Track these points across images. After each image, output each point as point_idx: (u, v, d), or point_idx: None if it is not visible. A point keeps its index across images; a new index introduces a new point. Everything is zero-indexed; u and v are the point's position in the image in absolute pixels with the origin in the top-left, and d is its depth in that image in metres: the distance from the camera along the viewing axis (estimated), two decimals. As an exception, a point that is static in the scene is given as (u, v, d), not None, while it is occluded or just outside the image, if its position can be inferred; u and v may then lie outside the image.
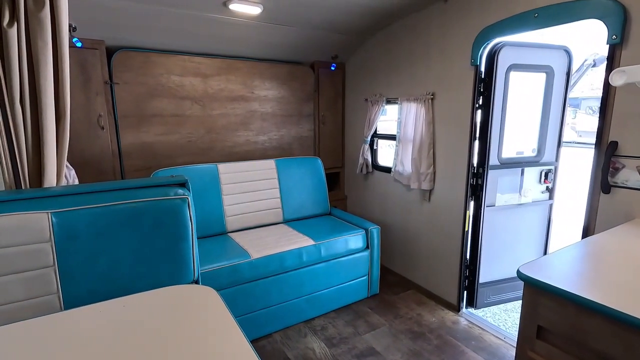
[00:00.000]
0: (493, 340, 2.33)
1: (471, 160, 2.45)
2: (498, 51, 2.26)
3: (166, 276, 1.37)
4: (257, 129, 3.23)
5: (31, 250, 1.13)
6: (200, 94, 2.90)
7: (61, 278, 1.19)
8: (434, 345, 2.29)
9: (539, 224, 2.73)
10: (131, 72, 2.59)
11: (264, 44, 2.92)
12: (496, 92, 2.33)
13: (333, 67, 3.49)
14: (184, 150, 2.90)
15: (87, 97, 2.44)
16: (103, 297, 1.15)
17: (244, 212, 2.82)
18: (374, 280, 2.86)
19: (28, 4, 1.24)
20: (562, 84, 2.53)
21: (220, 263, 2.19)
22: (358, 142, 3.49)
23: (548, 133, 2.57)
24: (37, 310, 1.16)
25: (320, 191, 3.18)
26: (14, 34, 1.21)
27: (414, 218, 2.97)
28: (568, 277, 1.14)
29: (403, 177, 2.95)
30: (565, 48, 2.48)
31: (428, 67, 2.65)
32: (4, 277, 1.11)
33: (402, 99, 2.86)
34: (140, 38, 2.53)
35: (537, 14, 1.95)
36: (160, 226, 1.33)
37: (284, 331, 2.46)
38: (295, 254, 2.43)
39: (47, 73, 1.30)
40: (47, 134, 1.32)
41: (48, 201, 1.19)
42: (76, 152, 2.40)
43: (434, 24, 2.56)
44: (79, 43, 2.33)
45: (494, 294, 2.69)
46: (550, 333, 1.13)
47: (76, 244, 1.21)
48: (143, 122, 2.70)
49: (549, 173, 2.63)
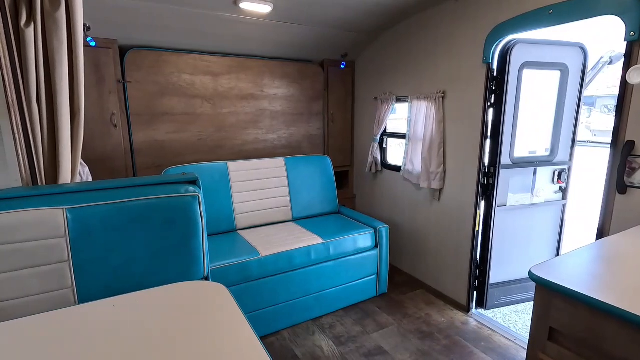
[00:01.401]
0: (503, 341, 2.31)
1: (482, 159, 2.42)
2: (511, 49, 2.23)
3: (177, 272, 1.39)
4: (267, 127, 3.25)
5: (47, 245, 1.16)
6: (210, 93, 2.92)
7: (75, 273, 1.22)
8: (443, 346, 2.27)
9: (552, 224, 2.68)
10: (143, 71, 2.62)
11: (274, 42, 2.93)
12: (508, 90, 2.29)
13: (343, 66, 3.48)
14: (194, 148, 2.93)
15: (101, 95, 2.48)
16: (115, 292, 1.18)
17: (253, 210, 2.84)
18: (383, 280, 2.85)
19: (44, 4, 1.26)
20: (577, 82, 2.47)
21: (229, 260, 2.21)
22: (367, 140, 3.48)
23: (562, 132, 2.52)
24: (52, 304, 1.19)
25: (329, 190, 3.18)
26: (30, 34, 1.24)
27: (423, 217, 2.95)
28: (582, 279, 1.11)
29: (413, 176, 2.93)
30: (581, 45, 2.42)
31: (439, 65, 2.63)
32: (22, 271, 1.14)
33: (412, 98, 2.84)
34: (152, 37, 2.56)
35: (551, 11, 1.91)
36: (171, 223, 1.35)
37: (292, 329, 2.47)
38: (303, 252, 2.44)
39: (63, 72, 1.32)
40: (62, 132, 1.35)
41: (63, 197, 1.22)
42: (89, 150, 2.44)
43: (445, 22, 2.53)
44: (92, 42, 2.37)
45: (504, 294, 2.65)
46: (563, 335, 1.11)
47: (90, 240, 1.23)
48: (154, 120, 2.73)
49: (562, 173, 2.58)
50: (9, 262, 1.11)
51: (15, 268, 1.13)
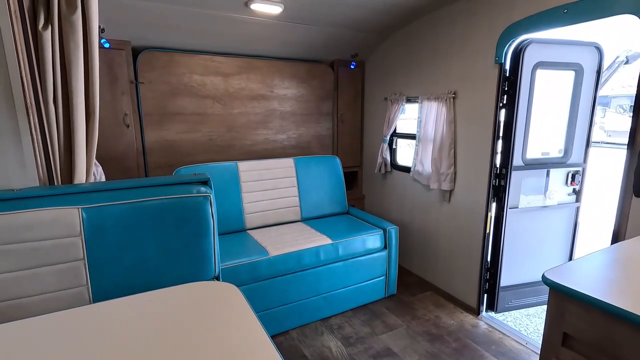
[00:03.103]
0: (514, 345, 2.28)
1: (494, 160, 2.39)
2: (524, 48, 2.19)
3: (189, 271, 1.41)
4: (277, 127, 3.26)
5: (63, 244, 1.19)
6: (221, 93, 2.94)
7: (90, 271, 1.25)
8: (453, 348, 2.25)
9: (565, 227, 2.64)
10: (155, 72, 2.66)
11: (284, 42, 2.94)
12: (521, 90, 2.26)
13: (353, 66, 3.47)
14: (204, 148, 2.96)
15: (114, 96, 2.52)
16: (128, 289, 1.20)
17: (263, 210, 2.85)
18: (392, 281, 2.84)
19: (61, 7, 1.28)
20: (592, 82, 2.43)
21: (239, 260, 2.22)
22: (377, 141, 3.47)
23: (576, 133, 2.48)
24: (68, 300, 1.22)
25: (338, 190, 3.18)
26: (48, 37, 1.27)
27: (433, 218, 2.93)
28: (597, 284, 1.09)
29: (422, 177, 2.91)
30: (596, 45, 2.37)
31: (450, 65, 2.60)
32: (41, 268, 1.17)
33: (423, 98, 2.82)
34: (164, 38, 2.59)
35: (566, 10, 1.87)
36: (183, 223, 1.37)
37: (300, 329, 2.47)
38: (312, 252, 2.44)
39: (79, 74, 1.35)
40: (78, 133, 1.38)
41: (79, 197, 1.24)
42: (102, 149, 2.48)
43: (457, 21, 2.50)
44: (106, 44, 2.41)
45: (515, 298, 2.62)
46: (577, 341, 1.09)
47: (104, 239, 1.26)
48: (166, 120, 2.77)
49: (576, 175, 2.54)
50: (28, 259, 1.14)
51: (34, 265, 1.16)
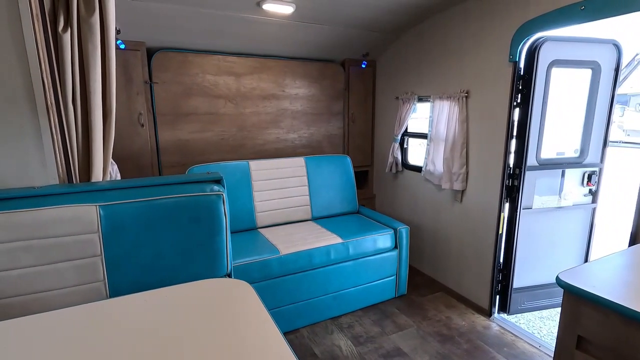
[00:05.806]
0: (527, 348, 2.25)
1: (507, 160, 2.36)
2: (539, 46, 2.16)
3: (202, 268, 1.43)
4: (288, 126, 3.28)
5: (82, 240, 1.23)
6: (233, 93, 2.97)
7: (107, 267, 1.28)
8: (464, 350, 2.24)
9: (580, 229, 2.58)
10: (169, 72, 2.71)
11: (295, 42, 2.95)
12: (536, 89, 2.22)
13: (364, 65, 3.46)
14: (216, 147, 3.00)
15: (129, 96, 2.57)
16: (144, 285, 1.23)
17: (274, 209, 2.88)
18: (402, 281, 2.83)
19: (80, 10, 1.32)
20: (610, 80, 2.37)
21: (250, 258, 2.25)
22: (388, 140, 3.45)
23: (592, 132, 2.42)
24: (86, 295, 1.25)
25: (349, 189, 3.18)
26: (67, 39, 1.30)
27: (444, 219, 2.91)
28: (613, 287, 1.07)
29: (434, 177, 2.89)
30: (615, 42, 2.32)
31: (462, 64, 2.58)
32: (62, 263, 1.21)
33: (435, 97, 2.79)
34: (178, 39, 2.63)
35: (583, 7, 1.83)
36: (197, 221, 1.39)
37: (311, 327, 2.49)
38: (323, 251, 2.45)
39: (96, 75, 1.38)
40: (95, 132, 1.42)
41: (96, 195, 1.28)
42: (118, 148, 2.54)
43: (470, 19, 2.48)
44: (122, 45, 2.46)
45: (528, 300, 2.58)
46: (592, 344, 1.08)
47: (121, 236, 1.29)
48: (179, 120, 2.81)
49: (593, 175, 2.48)
50: (49, 255, 1.18)
51: (55, 261, 1.20)
